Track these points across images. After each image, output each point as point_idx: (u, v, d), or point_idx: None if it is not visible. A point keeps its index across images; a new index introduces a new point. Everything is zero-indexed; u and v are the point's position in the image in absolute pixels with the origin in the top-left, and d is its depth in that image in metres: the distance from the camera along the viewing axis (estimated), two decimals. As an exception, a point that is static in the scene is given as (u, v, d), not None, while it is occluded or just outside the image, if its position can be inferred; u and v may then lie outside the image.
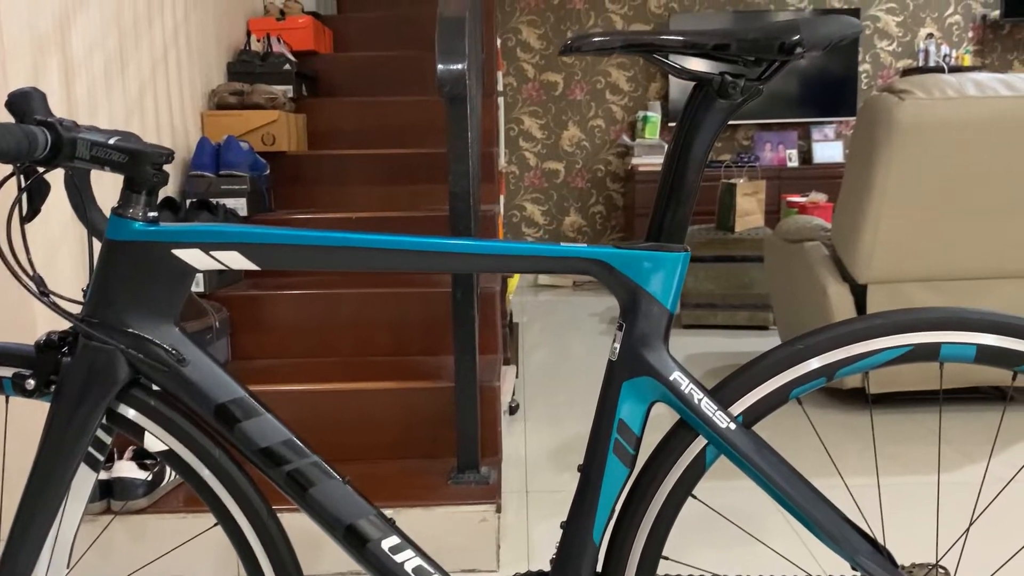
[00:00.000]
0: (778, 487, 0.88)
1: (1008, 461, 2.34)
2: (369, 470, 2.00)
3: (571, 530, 0.91)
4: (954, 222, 2.53)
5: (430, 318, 2.26)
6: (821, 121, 5.28)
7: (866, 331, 0.88)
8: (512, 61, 5.33)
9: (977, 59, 5.37)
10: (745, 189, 4.05)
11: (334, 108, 3.13)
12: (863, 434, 2.57)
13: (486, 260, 0.87)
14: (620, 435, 0.89)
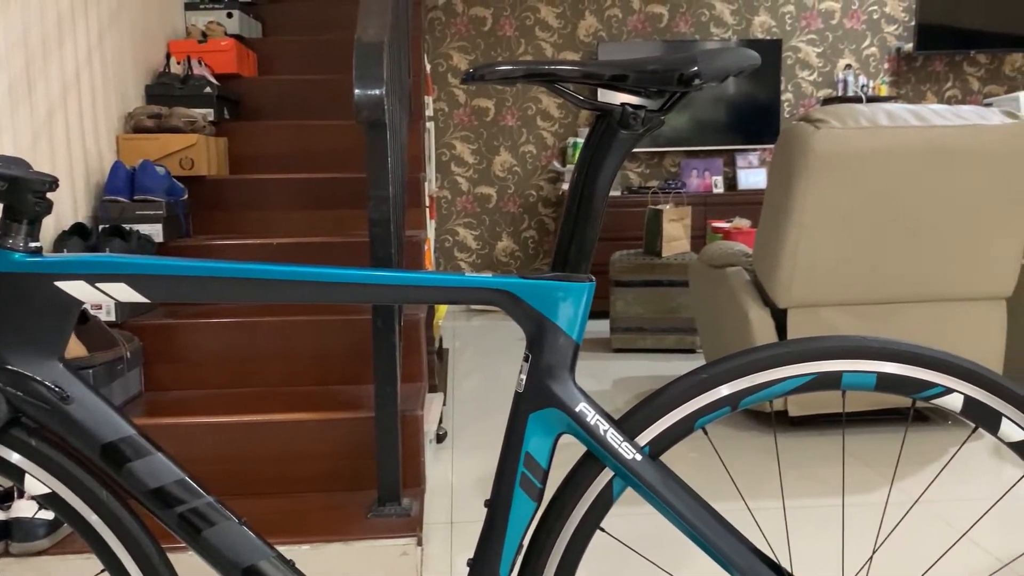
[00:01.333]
0: (684, 518, 0.87)
1: (925, 481, 2.39)
2: (288, 504, 1.94)
3: (478, 567, 0.89)
4: (869, 248, 2.60)
5: (353, 346, 2.22)
6: (745, 148, 5.40)
7: (769, 360, 0.88)
8: (443, 86, 5.34)
9: (893, 89, 5.57)
10: (671, 215, 4.11)
11: (257, 132, 3.07)
12: (787, 456, 2.61)
13: (386, 291, 0.85)
14: (527, 468, 0.88)
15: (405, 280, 0.85)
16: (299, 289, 0.84)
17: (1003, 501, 2.23)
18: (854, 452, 2.63)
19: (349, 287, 0.84)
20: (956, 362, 0.89)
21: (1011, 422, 0.89)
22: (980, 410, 0.89)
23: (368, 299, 0.85)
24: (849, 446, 2.70)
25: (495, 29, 5.34)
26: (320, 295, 0.85)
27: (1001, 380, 0.89)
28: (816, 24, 5.51)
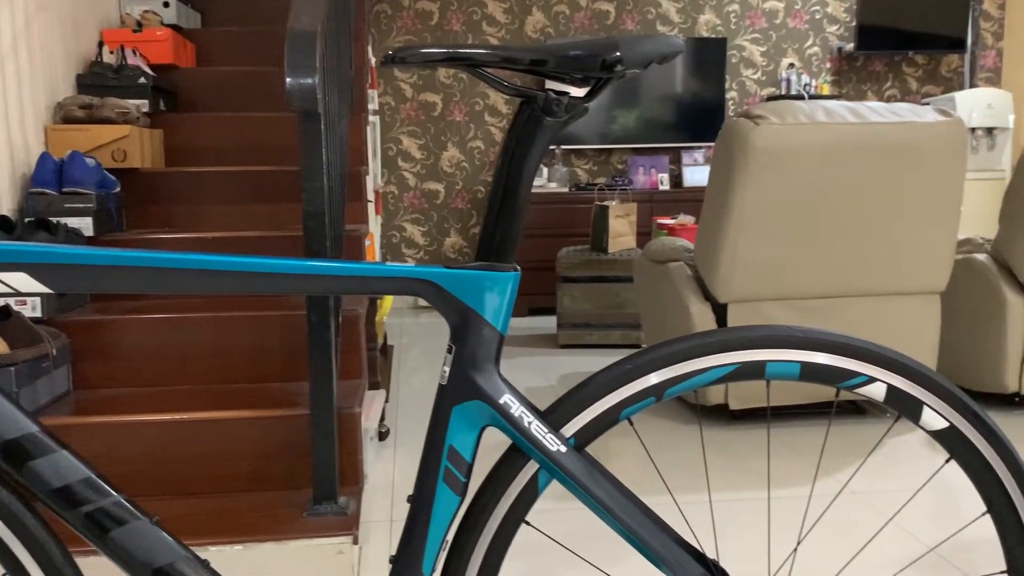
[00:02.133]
0: (609, 510, 0.86)
1: (861, 472, 2.43)
2: (221, 504, 1.90)
3: (401, 564, 0.87)
4: (806, 243, 2.64)
5: (289, 343, 2.17)
6: (691, 146, 5.45)
7: (693, 350, 0.88)
8: (389, 80, 5.28)
9: (835, 88, 5.67)
10: (617, 211, 4.12)
11: (194, 124, 3.00)
12: (728, 450, 2.63)
13: (303, 281, 0.82)
14: (450, 462, 0.86)
15: (322, 270, 0.82)
16: (209, 278, 0.81)
17: (935, 490, 2.28)
18: (793, 445, 2.67)
19: (264, 277, 0.82)
20: (879, 351, 0.89)
21: (932, 410, 0.90)
22: (902, 399, 0.90)
23: (284, 289, 0.83)
24: (788, 439, 2.73)
25: (442, 23, 5.30)
26: (231, 285, 0.82)
27: (922, 369, 0.90)
28: (760, 23, 5.58)
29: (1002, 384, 2.89)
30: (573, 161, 5.49)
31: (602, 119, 5.32)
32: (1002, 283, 2.87)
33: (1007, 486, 0.92)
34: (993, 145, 5.23)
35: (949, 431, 0.91)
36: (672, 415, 2.99)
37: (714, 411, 3.01)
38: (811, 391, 2.78)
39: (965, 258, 3.02)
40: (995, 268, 2.91)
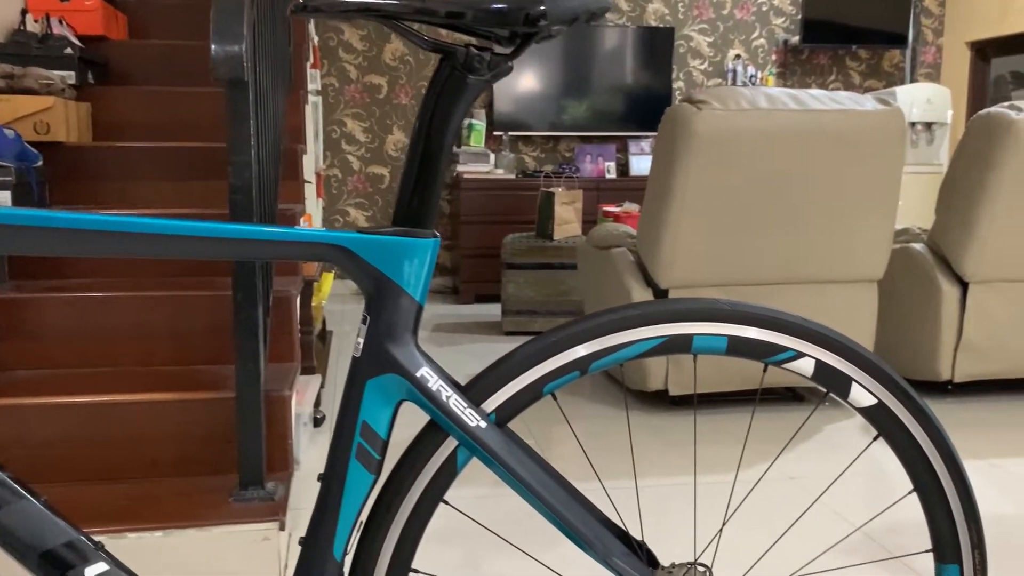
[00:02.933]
0: (529, 487, 0.83)
1: (797, 458, 2.45)
2: (143, 489, 1.82)
3: (310, 546, 0.83)
4: (747, 229, 2.64)
5: (217, 324, 2.10)
6: (638, 135, 5.45)
7: (619, 323, 0.85)
8: (334, 61, 5.18)
9: (780, 80, 5.72)
10: (563, 198, 4.10)
11: (125, 98, 2.89)
12: (668, 436, 2.63)
13: (212, 245, 0.77)
14: (363, 439, 0.82)
15: (229, 233, 0.77)
16: (107, 240, 0.75)
17: (868, 475, 2.30)
18: (732, 431, 2.68)
19: (169, 239, 0.76)
20: (807, 326, 0.87)
21: (860, 387, 0.89)
22: (830, 375, 0.88)
23: (190, 253, 0.77)
24: (728, 425, 2.74)
25: None
26: (136, 247, 0.76)
27: (851, 344, 0.88)
28: (708, 14, 5.60)
29: (935, 372, 2.94)
30: (520, 148, 5.45)
31: (550, 106, 5.29)
32: (937, 273, 2.91)
33: (934, 464, 0.91)
34: (932, 140, 5.33)
35: (877, 408, 0.89)
36: (613, 401, 2.98)
37: (654, 397, 3.01)
38: (749, 377, 2.79)
39: (902, 247, 3.06)
40: (931, 258, 2.96)
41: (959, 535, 0.92)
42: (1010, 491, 2.22)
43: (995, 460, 2.44)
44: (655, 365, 2.73)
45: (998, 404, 2.99)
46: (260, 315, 1.74)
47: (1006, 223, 2.80)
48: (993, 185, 2.77)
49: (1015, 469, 2.37)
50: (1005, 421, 2.80)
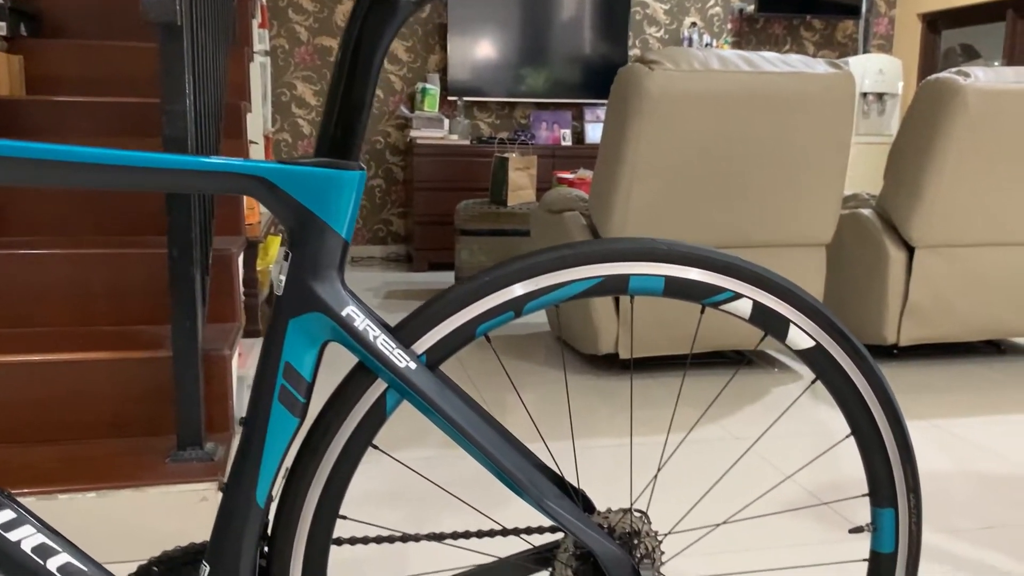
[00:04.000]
0: (460, 430, 0.80)
1: (746, 420, 2.47)
2: (77, 451, 1.77)
3: (232, 492, 0.79)
4: (697, 192, 2.63)
5: (155, 283, 2.03)
6: (594, 103, 5.42)
7: (554, 262, 0.82)
8: (283, 22, 5.05)
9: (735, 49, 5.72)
10: (517, 164, 4.06)
11: (60, 51, 2.77)
12: (616, 399, 2.63)
13: (120, 173, 0.72)
14: (287, 381, 0.79)
15: (138, 161, 0.72)
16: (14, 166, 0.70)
17: (815, 435, 2.33)
18: (683, 395, 2.68)
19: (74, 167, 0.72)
20: (745, 266, 0.86)
21: (798, 329, 0.88)
22: (768, 316, 0.87)
23: (96, 182, 0.73)
24: (676, 388, 2.75)
25: (341, -34, 5.09)
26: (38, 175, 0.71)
27: (789, 286, 0.87)
28: (664, -19, 5.57)
29: (881, 336, 2.98)
30: (475, 114, 5.39)
31: (506, 73, 5.23)
32: (885, 238, 2.94)
33: (871, 407, 0.90)
34: (883, 110, 5.39)
35: (815, 350, 0.88)
36: (561, 365, 2.98)
37: (604, 361, 3.01)
38: (699, 341, 2.80)
39: (851, 213, 3.08)
40: (879, 223, 2.99)
41: (895, 479, 0.92)
42: (950, 449, 2.26)
43: (937, 421, 2.49)
44: (605, 329, 2.73)
45: (941, 368, 3.04)
46: (197, 272, 1.68)
47: (953, 188, 2.84)
48: (940, 150, 2.79)
49: (956, 429, 2.41)
50: (948, 384, 2.85)
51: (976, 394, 2.74)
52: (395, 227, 5.32)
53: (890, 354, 3.17)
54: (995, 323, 3.04)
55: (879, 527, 0.94)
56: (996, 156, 2.83)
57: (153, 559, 0.85)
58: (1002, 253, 2.97)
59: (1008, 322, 3.04)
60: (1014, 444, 2.30)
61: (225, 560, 0.79)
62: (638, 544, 0.88)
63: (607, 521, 0.89)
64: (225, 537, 0.79)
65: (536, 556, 0.90)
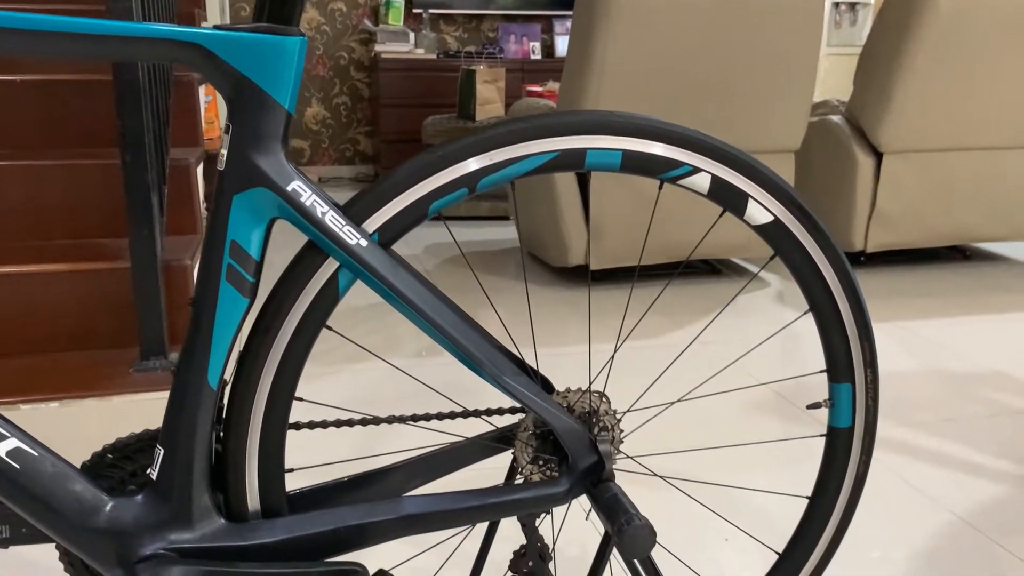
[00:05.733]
0: (416, 308, 0.79)
1: (713, 325, 2.49)
2: (39, 363, 1.74)
3: (183, 374, 0.78)
4: (666, 100, 2.59)
5: (112, 195, 1.98)
6: (564, 15, 5.30)
7: (507, 136, 0.80)
8: None
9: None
10: (485, 76, 3.98)
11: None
12: (583, 310, 2.64)
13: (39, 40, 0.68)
14: (234, 259, 0.76)
15: (61, 26, 0.68)
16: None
17: (784, 340, 2.36)
18: (648, 303, 2.69)
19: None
20: (703, 139, 0.84)
21: (757, 203, 0.86)
22: (727, 191, 0.85)
23: (18, 49, 0.69)
24: (646, 298, 2.76)
25: None
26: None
27: (748, 159, 0.86)
28: None
29: (849, 243, 2.99)
30: (442, 27, 5.25)
31: (472, -16, 5.08)
32: (853, 143, 2.93)
33: (828, 282, 0.90)
34: (855, 20, 5.32)
35: (774, 225, 0.87)
36: (537, 279, 2.97)
37: (574, 273, 3.01)
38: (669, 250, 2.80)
39: (820, 120, 3.06)
40: (848, 129, 2.97)
41: (852, 353, 0.92)
42: (913, 349, 2.30)
43: (901, 323, 2.52)
44: (575, 241, 2.71)
45: (908, 273, 3.08)
46: (152, 178, 1.64)
47: (922, 91, 2.82)
48: (911, 54, 2.76)
49: (919, 330, 2.45)
50: (913, 289, 2.89)
51: (940, 298, 2.78)
52: (362, 146, 5.23)
53: (857, 261, 3.19)
54: (961, 228, 3.06)
55: (836, 403, 0.95)
56: (966, 59, 2.81)
57: (107, 446, 0.83)
58: (969, 158, 2.98)
59: (974, 227, 3.07)
60: (975, 343, 2.35)
61: (179, 443, 0.79)
62: (597, 422, 0.88)
63: (566, 400, 0.89)
64: (178, 420, 0.78)
65: (498, 437, 0.90)
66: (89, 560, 0.78)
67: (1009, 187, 3.04)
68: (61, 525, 0.77)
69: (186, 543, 0.79)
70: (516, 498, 0.83)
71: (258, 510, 0.82)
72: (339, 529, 0.81)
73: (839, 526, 0.98)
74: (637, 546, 0.78)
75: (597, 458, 0.85)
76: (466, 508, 0.83)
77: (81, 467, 0.82)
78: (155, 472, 0.79)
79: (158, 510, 0.79)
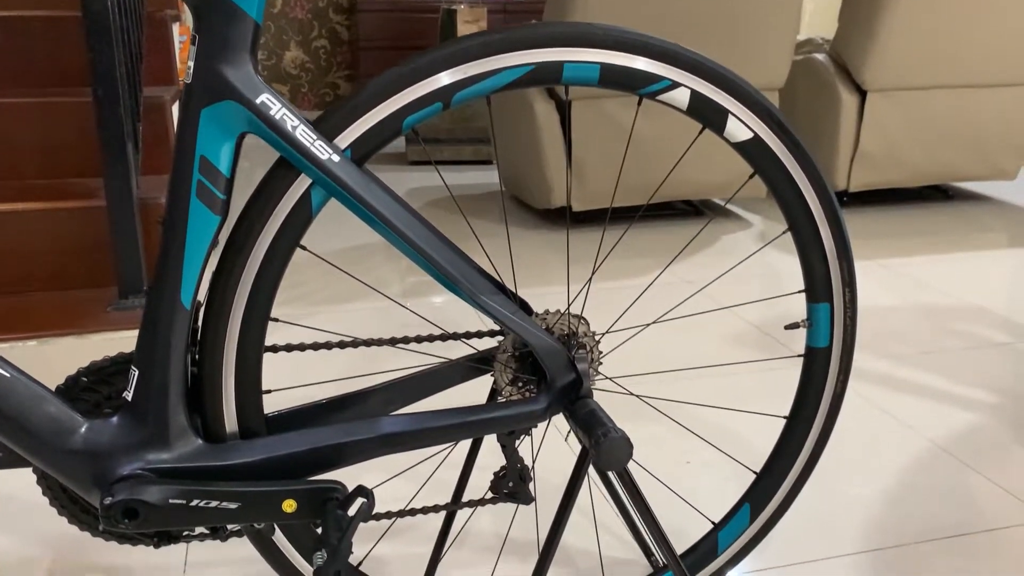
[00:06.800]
0: (390, 225, 0.78)
1: (698, 264, 2.49)
2: (16, 303, 1.73)
3: (156, 294, 0.77)
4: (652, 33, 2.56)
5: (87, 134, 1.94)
6: (546, -45, 5.19)
7: (482, 48, 0.78)
8: None
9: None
10: (466, 16, 3.91)
11: None
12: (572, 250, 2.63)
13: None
14: (204, 175, 0.75)
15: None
16: None
17: (760, 276, 2.36)
18: (634, 245, 2.69)
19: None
20: (683, 53, 0.82)
21: (737, 120, 0.85)
22: (707, 107, 0.84)
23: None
24: (631, 240, 2.76)
25: None
26: None
27: (729, 74, 0.84)
28: None
29: (832, 183, 2.99)
30: (422, -30, 5.14)
31: (452, -77, 4.95)
32: (838, 82, 2.91)
33: (808, 200, 0.89)
34: (841, -40, 5.24)
35: (753, 142, 0.86)
36: (521, 222, 2.96)
37: (557, 214, 2.99)
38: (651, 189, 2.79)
39: (805, 58, 3.03)
40: (832, 67, 2.95)
41: (831, 273, 0.92)
42: (893, 286, 2.31)
43: (882, 260, 2.53)
44: (558, 180, 2.70)
45: (890, 213, 3.08)
46: (125, 113, 1.60)
47: (906, 29, 2.79)
48: (896, -11, 2.73)
49: (900, 268, 2.46)
50: (895, 228, 2.89)
51: (922, 237, 2.79)
52: (342, 91, 5.15)
53: (840, 201, 3.19)
54: (943, 168, 3.06)
55: (815, 322, 0.95)
56: (952, -6, 2.78)
57: (81, 369, 0.83)
58: (953, 96, 2.96)
59: (956, 167, 3.07)
60: (956, 280, 2.36)
61: (154, 364, 0.78)
62: (575, 343, 0.88)
63: (544, 322, 0.88)
64: (152, 341, 0.77)
65: (477, 359, 0.90)
66: (65, 481, 0.78)
67: (991, 126, 3.03)
68: (36, 447, 0.76)
69: (163, 463, 0.78)
70: (495, 416, 0.83)
71: (236, 431, 0.82)
72: (318, 449, 0.81)
73: (816, 445, 0.99)
74: (614, 458, 0.78)
75: (575, 376, 0.85)
76: (445, 426, 0.83)
77: (55, 390, 0.81)
78: (130, 393, 0.79)
79: (134, 431, 0.78)
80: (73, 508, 0.85)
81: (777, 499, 1.01)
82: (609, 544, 1.22)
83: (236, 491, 0.78)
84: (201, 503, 0.77)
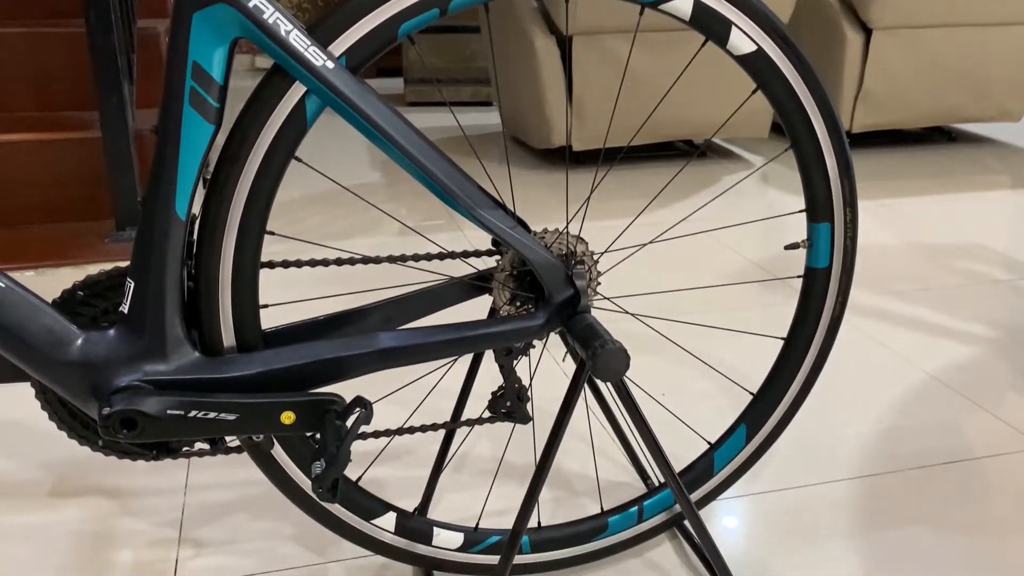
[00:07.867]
0: (387, 136, 0.77)
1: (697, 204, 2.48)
2: (12, 236, 1.72)
3: (150, 206, 0.76)
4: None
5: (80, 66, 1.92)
6: None
7: (481, -49, 0.76)
8: None
9: None
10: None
11: None
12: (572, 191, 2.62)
13: None
14: (197, 82, 0.73)
15: None
16: None
17: (769, 222, 2.35)
18: (637, 186, 2.67)
19: None
20: (686, -40, 0.80)
21: (740, 32, 0.84)
22: (709, 17, 0.82)
23: None
24: (630, 179, 2.74)
25: None
26: None
27: (732, -16, 0.82)
28: None
29: (835, 123, 2.95)
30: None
31: None
32: (843, 19, 2.86)
33: (811, 116, 0.88)
34: (850, -102, 5.12)
35: (757, 55, 0.85)
36: (522, 163, 2.93)
37: (557, 155, 2.97)
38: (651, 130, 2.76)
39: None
40: (837, 5, 2.89)
41: (832, 191, 0.91)
42: (893, 225, 2.30)
43: (884, 200, 2.52)
44: (559, 119, 2.67)
45: (892, 154, 3.06)
46: (118, 42, 1.58)
47: (914, -36, 2.74)
48: (905, -77, 2.67)
49: (902, 208, 2.45)
50: (897, 170, 2.87)
51: (925, 178, 2.77)
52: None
53: (843, 143, 3.16)
54: (947, 108, 3.03)
55: (815, 242, 0.94)
56: (962, -72, 2.72)
57: (77, 283, 0.82)
58: (958, 34, 2.92)
59: (960, 107, 3.03)
60: (956, 220, 2.35)
61: (150, 276, 0.77)
62: (574, 262, 0.88)
63: (543, 240, 0.88)
64: (147, 252, 0.77)
65: (475, 278, 0.90)
66: (63, 392, 0.78)
67: (998, 67, 2.99)
68: (33, 357, 0.76)
69: (161, 375, 0.78)
70: (494, 331, 0.83)
71: (233, 345, 0.82)
72: (315, 362, 0.81)
73: (813, 367, 1.00)
74: (611, 368, 0.78)
75: (573, 291, 0.84)
76: (444, 341, 0.83)
77: (52, 303, 0.81)
78: (127, 305, 0.78)
79: (131, 343, 0.78)
80: (72, 423, 0.85)
81: (773, 420, 1.02)
82: (606, 468, 1.23)
83: (234, 402, 0.78)
84: (199, 414, 0.77)
